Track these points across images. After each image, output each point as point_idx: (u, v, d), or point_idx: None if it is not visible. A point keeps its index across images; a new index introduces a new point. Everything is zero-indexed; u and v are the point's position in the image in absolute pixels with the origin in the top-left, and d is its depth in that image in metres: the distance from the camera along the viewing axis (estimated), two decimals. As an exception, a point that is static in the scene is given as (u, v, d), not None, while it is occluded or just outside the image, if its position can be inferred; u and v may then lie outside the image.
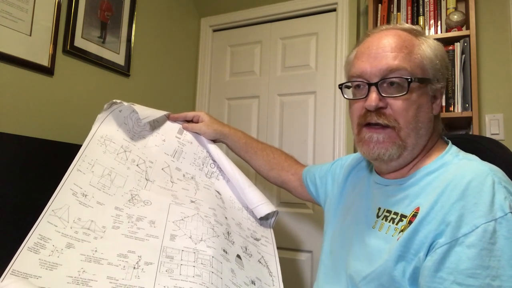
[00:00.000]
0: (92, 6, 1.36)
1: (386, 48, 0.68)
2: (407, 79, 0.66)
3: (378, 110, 0.68)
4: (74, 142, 1.03)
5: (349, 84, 0.75)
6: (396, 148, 0.68)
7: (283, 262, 0.98)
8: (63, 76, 1.27)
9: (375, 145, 0.69)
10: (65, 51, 1.26)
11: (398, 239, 0.63)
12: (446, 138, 0.76)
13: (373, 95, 0.67)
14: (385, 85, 0.68)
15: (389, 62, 0.67)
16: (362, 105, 0.70)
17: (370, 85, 0.68)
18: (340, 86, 0.77)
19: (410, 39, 0.70)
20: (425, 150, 0.71)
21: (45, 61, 1.19)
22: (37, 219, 0.71)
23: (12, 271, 0.63)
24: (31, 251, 0.67)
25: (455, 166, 0.65)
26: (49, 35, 1.20)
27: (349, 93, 0.76)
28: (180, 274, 0.73)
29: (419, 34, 0.72)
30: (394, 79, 0.67)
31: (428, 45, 0.70)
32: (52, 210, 0.73)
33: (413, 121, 0.67)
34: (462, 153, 0.69)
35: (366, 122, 0.70)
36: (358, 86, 0.72)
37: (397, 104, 0.67)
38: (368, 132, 0.70)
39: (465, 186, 0.58)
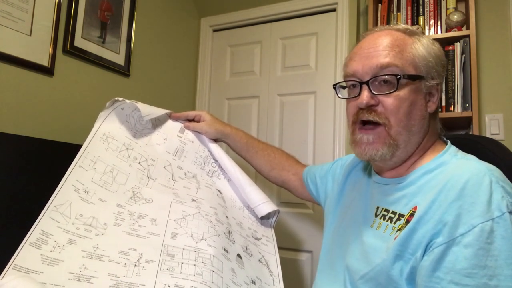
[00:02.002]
0: (92, 6, 1.36)
1: (378, 47, 0.69)
2: (396, 75, 0.66)
3: (370, 108, 0.69)
4: (74, 142, 1.03)
5: (344, 84, 0.76)
6: (387, 148, 0.68)
7: (283, 262, 0.98)
8: (63, 76, 1.27)
9: (366, 146, 0.70)
10: (65, 51, 1.26)
11: (395, 238, 0.63)
12: (445, 138, 0.76)
13: (365, 93, 0.69)
14: (376, 83, 0.69)
15: (380, 60, 0.68)
16: (356, 104, 0.71)
17: (362, 83, 0.70)
18: (334, 86, 0.78)
19: (403, 38, 0.71)
20: (422, 149, 0.71)
21: (45, 61, 1.19)
22: (35, 220, 0.71)
23: (14, 266, 0.63)
24: (33, 246, 0.67)
25: (453, 165, 0.65)
26: (49, 35, 1.20)
27: (344, 93, 0.78)
28: (181, 273, 0.73)
29: (412, 33, 0.72)
30: (385, 77, 0.68)
31: (421, 43, 0.71)
32: (54, 206, 0.73)
33: (405, 118, 0.67)
34: (461, 153, 0.70)
35: (359, 120, 0.71)
36: (352, 85, 0.73)
37: (388, 101, 0.68)
38: (359, 133, 0.71)
39: (462, 186, 0.58)
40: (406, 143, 0.69)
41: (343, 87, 0.78)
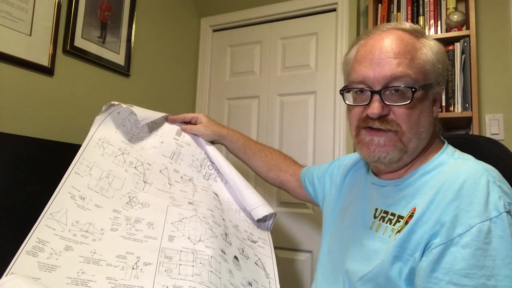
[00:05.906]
0: (92, 6, 1.36)
1: (389, 53, 0.66)
2: (411, 88, 0.64)
3: (381, 117, 0.67)
4: (74, 142, 1.04)
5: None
6: (397, 152, 0.67)
7: (283, 262, 0.98)
8: (63, 76, 1.27)
9: (375, 148, 0.68)
10: (65, 51, 1.27)
11: (394, 239, 0.63)
12: (442, 138, 0.75)
13: (376, 104, 0.66)
14: (388, 92, 0.66)
15: (393, 69, 0.65)
16: (363, 110, 0.69)
17: (373, 92, 0.67)
18: (342, 92, 0.74)
19: (413, 42, 0.68)
20: (423, 151, 0.71)
21: (45, 61, 1.20)
22: (37, 220, 0.71)
23: (10, 274, 0.63)
24: (29, 254, 0.67)
25: (450, 166, 0.65)
26: (49, 35, 1.21)
27: (349, 97, 0.74)
28: (179, 274, 0.73)
29: (420, 35, 0.70)
30: (398, 87, 0.65)
31: (430, 48, 0.69)
32: (50, 214, 0.74)
33: (416, 126, 0.67)
34: (458, 153, 0.69)
35: (367, 126, 0.69)
36: (360, 90, 0.70)
37: (400, 110, 0.66)
38: (368, 135, 0.69)
39: (459, 186, 0.58)
40: (414, 149, 0.68)
41: (348, 90, 0.74)
